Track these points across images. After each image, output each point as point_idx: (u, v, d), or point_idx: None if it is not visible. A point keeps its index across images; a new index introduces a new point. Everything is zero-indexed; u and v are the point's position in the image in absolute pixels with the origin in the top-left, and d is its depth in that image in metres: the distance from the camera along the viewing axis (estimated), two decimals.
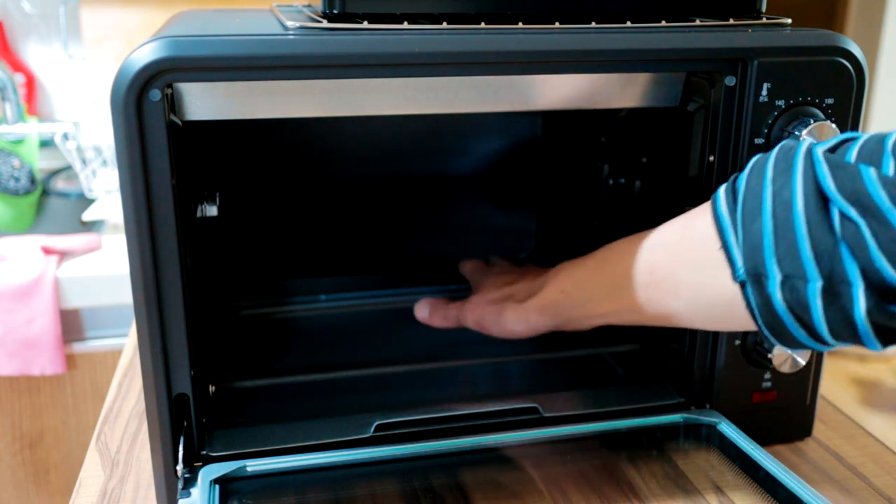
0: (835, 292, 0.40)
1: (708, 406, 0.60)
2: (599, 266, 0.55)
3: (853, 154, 0.41)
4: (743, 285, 0.44)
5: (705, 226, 0.46)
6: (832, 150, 0.43)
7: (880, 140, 0.40)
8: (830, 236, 0.40)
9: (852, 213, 0.39)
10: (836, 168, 0.40)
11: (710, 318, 0.49)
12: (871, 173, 0.39)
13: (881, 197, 0.38)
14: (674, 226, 0.50)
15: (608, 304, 0.54)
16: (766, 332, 0.44)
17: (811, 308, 0.41)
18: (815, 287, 0.40)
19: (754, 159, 0.46)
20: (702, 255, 0.46)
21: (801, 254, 0.41)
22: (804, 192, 0.41)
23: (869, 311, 0.39)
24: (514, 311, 0.59)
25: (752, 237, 0.43)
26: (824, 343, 0.43)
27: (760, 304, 0.43)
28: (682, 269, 0.48)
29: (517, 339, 0.61)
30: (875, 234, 0.38)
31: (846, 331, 0.41)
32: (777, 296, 0.42)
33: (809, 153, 0.42)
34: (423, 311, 0.67)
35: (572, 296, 0.56)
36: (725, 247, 0.45)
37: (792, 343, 0.44)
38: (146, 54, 0.44)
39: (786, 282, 0.41)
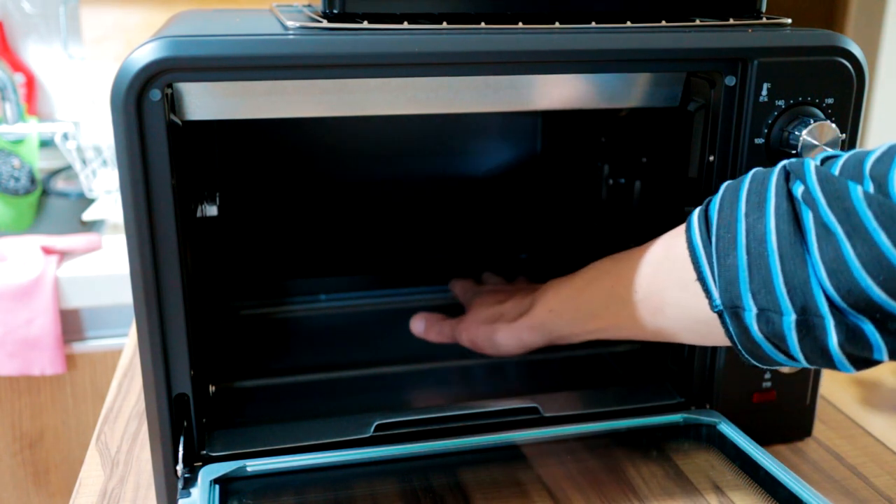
0: (808, 325, 0.41)
1: (708, 406, 0.60)
2: (586, 285, 0.56)
3: (836, 172, 0.41)
4: (721, 314, 0.45)
5: (684, 248, 0.47)
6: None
7: (859, 161, 0.41)
8: (803, 270, 0.41)
9: (837, 229, 0.39)
10: (824, 181, 0.41)
11: (697, 335, 0.50)
12: (858, 191, 0.39)
13: (868, 216, 0.38)
14: (657, 245, 0.51)
15: (596, 321, 0.55)
16: (745, 354, 0.46)
17: (787, 339, 0.42)
18: (790, 320, 0.42)
19: (725, 185, 0.47)
20: (685, 274, 0.47)
21: (775, 288, 0.42)
22: (777, 227, 0.42)
23: (841, 344, 0.41)
24: (505, 331, 0.60)
25: (727, 271, 0.44)
26: (801, 363, 0.44)
27: (738, 333, 0.45)
28: (667, 288, 0.49)
29: (512, 356, 0.61)
30: (858, 254, 0.39)
31: (821, 359, 0.42)
32: (754, 327, 0.43)
33: (786, 178, 0.43)
34: (419, 325, 0.68)
35: (561, 314, 0.57)
36: (701, 279, 0.46)
37: (771, 363, 0.46)
38: (146, 54, 0.44)
39: (761, 315, 0.43)
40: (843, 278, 0.39)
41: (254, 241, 0.83)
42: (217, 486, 0.50)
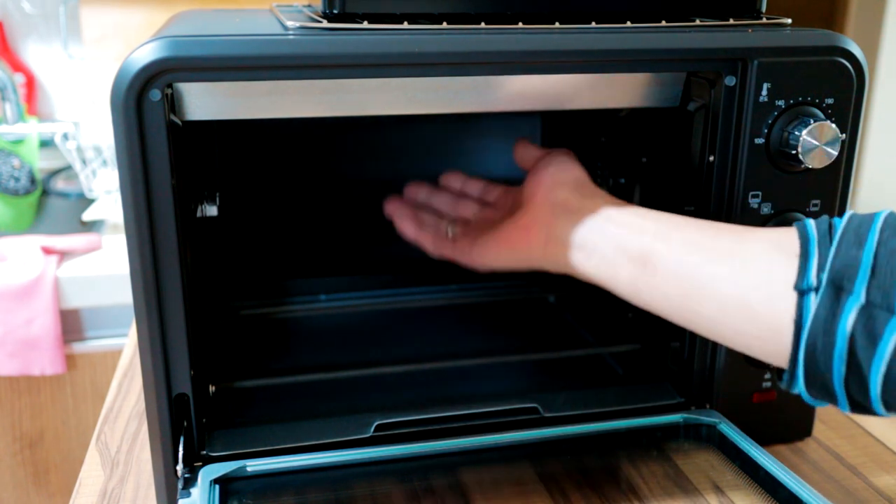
0: None
1: (708, 406, 0.60)
2: (649, 210, 0.52)
3: None
4: (803, 293, 0.41)
5: (791, 231, 0.44)
6: None
7: None
8: None
9: None
10: None
11: (731, 302, 0.45)
12: None
13: None
14: (759, 229, 0.48)
15: (640, 222, 0.51)
16: (800, 354, 0.42)
17: (881, 343, 0.39)
18: None
19: (849, 214, 0.43)
20: (782, 244, 0.44)
21: (894, 290, 0.39)
22: None
23: None
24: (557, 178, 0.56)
25: (846, 257, 0.41)
26: (849, 399, 0.42)
27: (821, 317, 0.41)
28: (753, 242, 0.45)
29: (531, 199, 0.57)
30: None
31: None
32: (849, 315, 0.40)
33: None
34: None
35: (602, 207, 0.53)
36: (804, 254, 0.42)
37: (813, 384, 0.43)
38: (146, 54, 0.44)
39: (867, 308, 0.39)
40: None
41: (254, 241, 0.83)
42: (217, 486, 0.50)
